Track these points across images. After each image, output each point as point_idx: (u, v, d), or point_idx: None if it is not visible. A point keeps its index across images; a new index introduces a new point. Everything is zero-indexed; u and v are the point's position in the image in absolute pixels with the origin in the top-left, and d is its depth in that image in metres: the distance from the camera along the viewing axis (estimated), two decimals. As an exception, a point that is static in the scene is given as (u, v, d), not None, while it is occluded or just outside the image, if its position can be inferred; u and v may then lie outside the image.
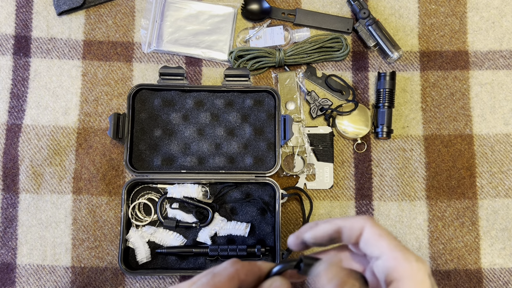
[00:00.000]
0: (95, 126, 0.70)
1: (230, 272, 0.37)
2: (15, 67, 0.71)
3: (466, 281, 0.67)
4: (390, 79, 0.69)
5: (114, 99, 0.71)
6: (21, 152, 0.69)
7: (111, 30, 0.73)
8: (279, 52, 0.70)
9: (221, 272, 0.37)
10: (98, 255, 0.67)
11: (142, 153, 0.67)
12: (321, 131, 0.71)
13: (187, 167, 0.67)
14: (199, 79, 0.72)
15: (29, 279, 0.66)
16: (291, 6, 0.74)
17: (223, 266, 0.37)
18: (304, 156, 0.70)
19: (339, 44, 0.71)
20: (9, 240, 0.67)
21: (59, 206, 0.68)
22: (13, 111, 0.70)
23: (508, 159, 0.71)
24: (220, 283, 0.36)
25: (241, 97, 0.69)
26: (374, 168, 0.70)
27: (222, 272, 0.37)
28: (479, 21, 0.74)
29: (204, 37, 0.73)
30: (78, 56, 0.72)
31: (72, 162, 0.69)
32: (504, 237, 0.69)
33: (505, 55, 0.73)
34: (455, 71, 0.73)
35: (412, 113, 0.72)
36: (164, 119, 0.68)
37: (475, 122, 0.72)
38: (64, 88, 0.71)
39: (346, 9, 0.74)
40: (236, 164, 0.68)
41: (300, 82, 0.72)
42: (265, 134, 0.69)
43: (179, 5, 0.73)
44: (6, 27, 0.72)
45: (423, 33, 0.74)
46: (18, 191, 0.68)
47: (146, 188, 0.68)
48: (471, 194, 0.70)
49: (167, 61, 0.73)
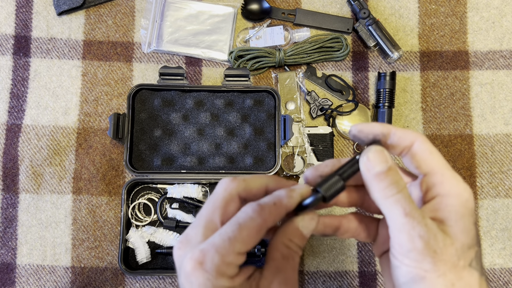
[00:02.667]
0: (95, 126, 0.70)
1: (258, 223, 0.33)
2: (15, 67, 0.71)
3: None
4: (390, 79, 0.69)
5: (114, 99, 0.71)
6: (21, 152, 0.69)
7: (111, 30, 0.73)
8: (279, 52, 0.70)
9: (249, 224, 0.33)
10: (98, 255, 0.67)
11: (142, 153, 0.67)
12: (321, 131, 0.71)
13: (187, 167, 0.67)
14: (199, 79, 0.72)
15: (29, 279, 0.66)
16: (291, 6, 0.74)
17: (250, 216, 0.33)
18: (304, 156, 0.70)
19: (339, 44, 0.71)
20: (9, 240, 0.67)
21: (59, 206, 0.68)
22: (13, 111, 0.70)
23: (508, 159, 0.71)
24: (249, 237, 0.33)
25: (241, 97, 0.69)
26: (374, 168, 0.70)
27: (250, 224, 0.33)
28: (479, 21, 0.74)
29: (204, 37, 0.73)
30: (78, 56, 0.72)
31: (72, 162, 0.69)
32: (504, 237, 0.69)
33: (505, 55, 0.73)
34: (455, 71, 0.73)
35: (412, 113, 0.72)
36: (164, 119, 0.68)
37: (475, 122, 0.71)
38: (64, 88, 0.71)
39: (346, 9, 0.74)
40: (236, 164, 0.68)
41: (300, 82, 0.72)
42: (265, 134, 0.68)
43: (179, 5, 0.73)
44: (6, 27, 0.72)
45: (423, 33, 0.74)
46: (18, 191, 0.68)
47: (146, 188, 0.68)
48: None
49: (167, 61, 0.73)
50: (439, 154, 0.36)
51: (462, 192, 0.35)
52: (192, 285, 0.33)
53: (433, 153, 0.36)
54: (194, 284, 0.33)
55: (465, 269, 0.33)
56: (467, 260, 0.33)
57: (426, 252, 0.32)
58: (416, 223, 0.33)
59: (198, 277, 0.32)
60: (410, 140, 0.36)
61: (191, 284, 0.33)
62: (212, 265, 0.32)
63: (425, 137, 0.37)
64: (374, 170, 0.34)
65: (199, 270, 0.32)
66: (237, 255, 0.33)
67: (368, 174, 0.35)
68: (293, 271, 0.35)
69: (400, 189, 0.34)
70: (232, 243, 0.32)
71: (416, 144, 0.36)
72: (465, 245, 0.33)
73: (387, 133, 0.36)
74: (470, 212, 0.34)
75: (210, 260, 0.32)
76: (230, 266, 0.33)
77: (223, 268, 0.32)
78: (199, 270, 0.32)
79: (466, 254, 0.33)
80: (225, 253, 0.32)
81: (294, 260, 0.35)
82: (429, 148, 0.36)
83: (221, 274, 0.32)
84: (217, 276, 0.32)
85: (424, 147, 0.36)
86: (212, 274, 0.32)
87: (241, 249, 0.33)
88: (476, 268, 0.34)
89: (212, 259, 0.32)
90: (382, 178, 0.34)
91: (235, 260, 0.33)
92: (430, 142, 0.36)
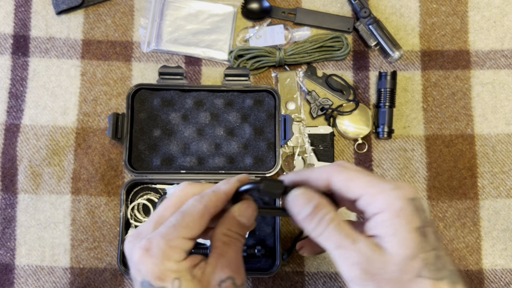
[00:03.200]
0: (94, 126, 0.70)
1: (200, 209, 0.36)
2: (14, 66, 0.71)
3: (468, 282, 0.67)
4: (391, 78, 0.69)
5: (113, 98, 0.71)
6: (19, 152, 0.69)
7: (110, 30, 0.72)
8: (279, 51, 0.70)
9: (191, 211, 0.36)
10: (97, 256, 0.67)
11: (141, 153, 0.67)
12: (322, 131, 0.70)
13: (186, 167, 0.67)
14: (198, 79, 0.72)
15: (28, 280, 0.66)
16: (291, 5, 0.74)
17: (192, 204, 0.37)
18: (304, 156, 0.69)
19: (339, 44, 0.71)
20: (7, 241, 0.67)
21: (57, 207, 0.68)
22: (12, 111, 0.70)
23: (509, 159, 0.70)
24: (192, 223, 0.36)
25: (241, 97, 0.69)
26: (375, 168, 0.70)
27: (192, 211, 0.36)
28: (481, 20, 0.74)
29: (203, 36, 0.72)
30: (77, 56, 0.72)
31: (71, 162, 0.69)
32: (505, 238, 0.68)
33: (506, 54, 0.73)
34: (456, 71, 0.72)
35: (413, 113, 0.71)
36: (164, 119, 0.68)
37: (477, 122, 0.71)
38: (62, 87, 0.71)
39: (346, 8, 0.74)
40: (236, 164, 0.67)
41: (301, 81, 0.71)
42: (265, 134, 0.68)
43: (178, 4, 0.73)
44: (5, 26, 0.72)
45: (424, 32, 0.73)
46: (17, 191, 0.68)
47: (145, 189, 0.68)
48: (473, 195, 0.69)
49: (166, 60, 0.72)
50: (359, 175, 0.36)
51: (393, 203, 0.34)
52: (141, 272, 0.35)
53: (352, 179, 0.36)
54: (143, 271, 0.34)
55: (413, 282, 0.32)
56: (413, 272, 0.32)
57: (365, 277, 0.32)
58: (349, 252, 0.33)
59: (145, 263, 0.34)
60: (326, 178, 0.37)
61: (139, 272, 0.35)
62: (158, 250, 0.34)
63: (340, 167, 0.37)
64: (300, 216, 0.36)
65: (146, 256, 0.34)
66: (182, 240, 0.35)
67: (297, 219, 0.37)
68: (236, 253, 0.37)
69: (328, 224, 0.35)
70: (176, 228, 0.35)
71: (333, 179, 0.37)
72: (407, 257, 0.32)
73: (305, 181, 0.39)
74: (407, 220, 0.33)
75: (156, 246, 0.34)
76: (175, 250, 0.35)
77: (168, 252, 0.34)
78: (146, 256, 0.34)
79: (410, 266, 0.32)
80: (170, 238, 0.35)
81: (235, 245, 0.37)
82: (347, 176, 0.36)
83: (167, 258, 0.34)
84: (163, 260, 0.34)
85: (341, 177, 0.37)
86: (158, 258, 0.34)
87: (186, 234, 0.35)
88: (428, 276, 0.32)
89: (158, 244, 0.34)
90: (309, 220, 0.36)
91: (180, 244, 0.35)
92: (347, 168, 0.37)
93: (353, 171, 0.37)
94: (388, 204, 0.34)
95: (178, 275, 0.34)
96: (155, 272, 0.34)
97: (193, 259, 0.37)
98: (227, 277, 0.35)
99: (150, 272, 0.34)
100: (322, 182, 0.38)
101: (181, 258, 0.35)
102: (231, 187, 0.38)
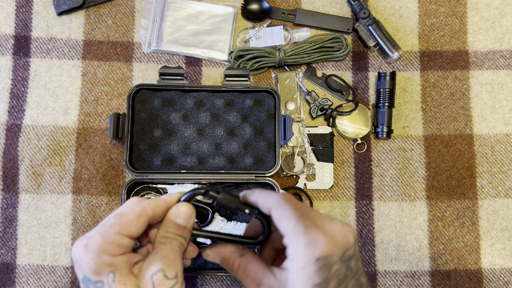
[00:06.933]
0: (95, 126, 0.70)
1: (137, 210, 0.40)
2: (15, 67, 0.71)
3: (466, 281, 0.67)
4: (390, 79, 0.69)
5: (114, 99, 0.71)
6: (21, 152, 0.69)
7: (111, 30, 0.73)
8: (279, 52, 0.70)
9: (129, 211, 0.40)
10: (98, 255, 0.67)
11: (142, 153, 0.67)
12: (321, 131, 0.71)
13: (187, 167, 0.67)
14: (199, 79, 0.72)
15: (29, 279, 0.66)
16: (291, 6, 0.74)
17: (130, 206, 0.40)
18: (304, 156, 0.70)
19: (339, 44, 0.71)
20: (9, 240, 0.67)
21: (59, 206, 0.68)
22: (13, 111, 0.70)
23: (508, 159, 0.71)
24: (129, 221, 0.39)
25: (241, 97, 0.69)
26: (374, 168, 0.70)
27: (130, 211, 0.40)
28: (479, 21, 0.74)
29: (204, 37, 0.73)
30: (78, 56, 0.72)
31: (72, 162, 0.69)
32: (504, 237, 0.69)
33: (505, 55, 0.73)
34: (455, 71, 0.73)
35: (412, 113, 0.72)
36: (164, 119, 0.68)
37: (475, 122, 0.71)
38: (64, 88, 0.71)
39: (346, 9, 0.74)
40: (236, 164, 0.68)
41: (300, 82, 0.72)
42: (265, 134, 0.68)
43: (179, 5, 0.73)
44: (6, 27, 0.72)
45: (423, 33, 0.74)
46: (18, 191, 0.68)
47: (146, 188, 0.68)
48: (471, 194, 0.70)
49: (167, 61, 0.73)
50: (289, 217, 0.39)
51: (300, 258, 0.37)
52: (81, 268, 0.38)
53: (283, 217, 0.39)
54: (82, 267, 0.37)
55: None
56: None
57: None
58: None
59: (83, 258, 0.37)
60: (268, 207, 0.41)
61: (79, 268, 0.38)
62: (95, 245, 0.37)
63: (280, 201, 0.40)
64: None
65: (84, 252, 0.37)
66: (118, 236, 0.38)
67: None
68: (170, 250, 0.40)
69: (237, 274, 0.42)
70: (113, 226, 0.38)
71: (271, 210, 0.40)
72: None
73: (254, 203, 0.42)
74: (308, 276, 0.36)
75: (94, 241, 0.37)
76: (111, 244, 0.37)
77: (104, 246, 0.37)
78: (84, 252, 0.37)
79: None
80: (107, 235, 0.38)
81: (171, 243, 0.40)
82: (279, 213, 0.39)
83: (103, 251, 0.37)
84: (98, 254, 0.37)
85: (276, 213, 0.40)
86: (94, 253, 0.37)
87: (123, 231, 0.38)
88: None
89: (95, 240, 0.37)
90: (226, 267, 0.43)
91: (116, 240, 0.38)
92: (284, 204, 0.40)
93: (287, 210, 0.39)
94: (297, 258, 0.37)
95: (113, 269, 0.37)
96: (92, 266, 0.37)
97: (133, 257, 0.40)
98: (158, 270, 0.38)
99: (87, 266, 0.37)
100: (266, 209, 0.41)
101: (118, 252, 0.38)
102: (173, 197, 0.43)
